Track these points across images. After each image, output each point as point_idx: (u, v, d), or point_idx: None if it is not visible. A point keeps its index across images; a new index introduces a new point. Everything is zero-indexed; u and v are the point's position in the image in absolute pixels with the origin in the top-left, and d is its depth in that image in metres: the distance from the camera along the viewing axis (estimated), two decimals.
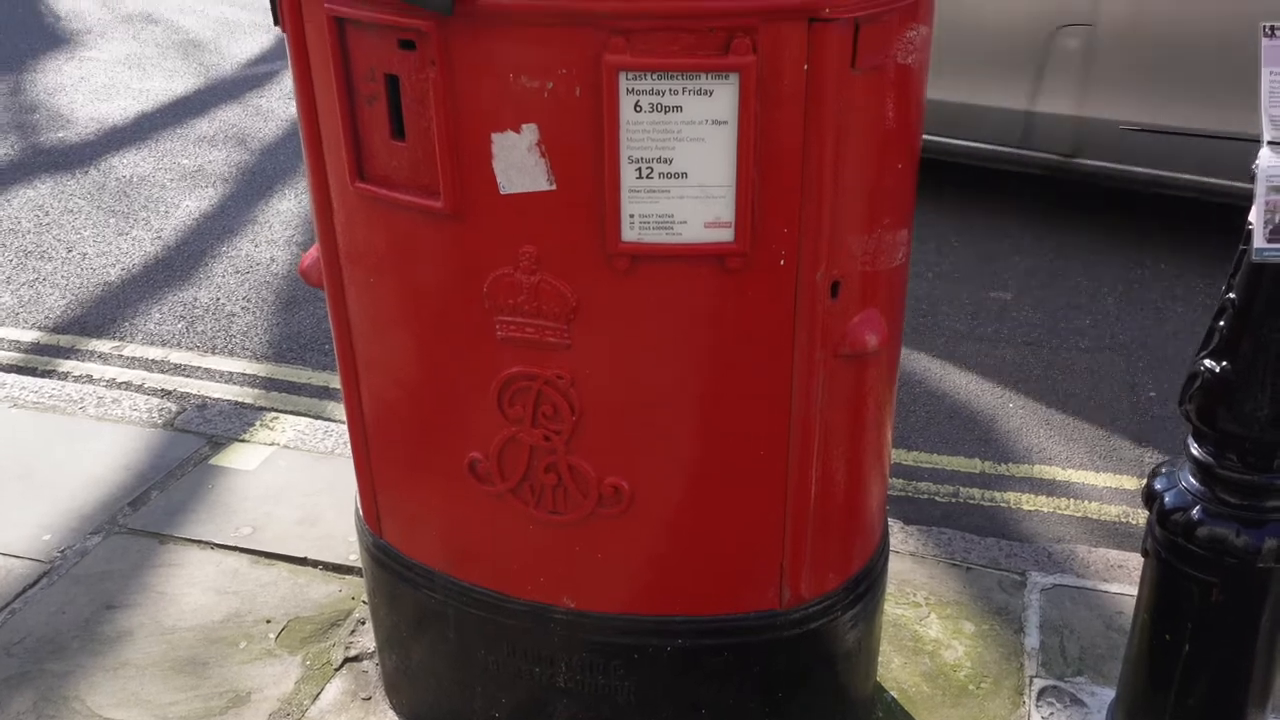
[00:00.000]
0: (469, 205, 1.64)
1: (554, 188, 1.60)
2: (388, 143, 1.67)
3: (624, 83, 1.50)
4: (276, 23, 1.77)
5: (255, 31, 7.44)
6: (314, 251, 1.97)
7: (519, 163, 1.59)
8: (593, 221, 1.60)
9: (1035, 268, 4.45)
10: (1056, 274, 4.41)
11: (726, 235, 1.60)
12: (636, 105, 1.52)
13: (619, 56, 1.48)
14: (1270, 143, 1.76)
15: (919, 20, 1.61)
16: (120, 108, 6.27)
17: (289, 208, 5.04)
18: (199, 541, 2.83)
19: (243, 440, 3.27)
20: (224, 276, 4.51)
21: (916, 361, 3.81)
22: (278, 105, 6.21)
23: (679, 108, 1.52)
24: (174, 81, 6.67)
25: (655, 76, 1.50)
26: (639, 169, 1.56)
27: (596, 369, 1.73)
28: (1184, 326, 4.02)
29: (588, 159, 1.56)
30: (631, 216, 1.59)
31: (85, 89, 6.58)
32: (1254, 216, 1.78)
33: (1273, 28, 1.74)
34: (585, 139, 1.55)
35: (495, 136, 1.58)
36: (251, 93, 6.43)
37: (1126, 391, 3.68)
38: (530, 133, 1.57)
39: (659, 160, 1.55)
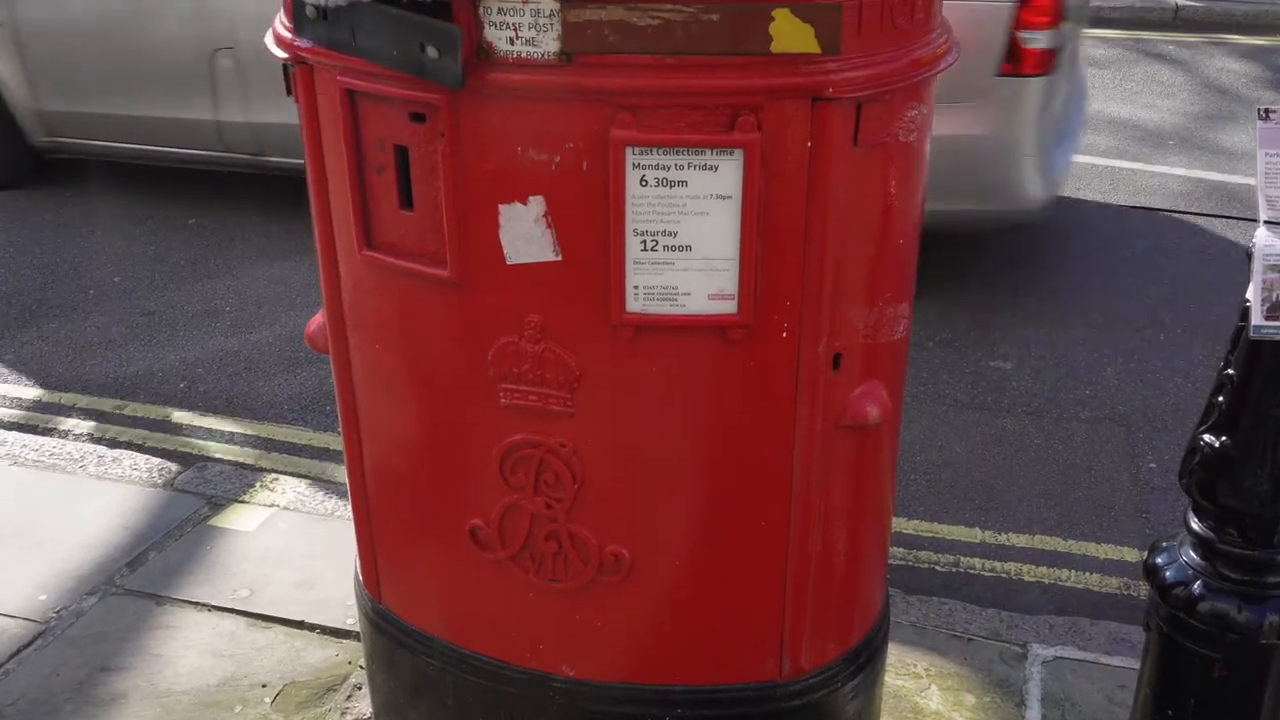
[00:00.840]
0: (475, 274, 1.66)
1: (560, 258, 1.62)
2: (396, 212, 1.70)
3: (630, 157, 1.52)
4: (289, 93, 1.80)
5: None
6: (319, 317, 1.99)
7: (526, 233, 1.61)
8: (598, 292, 1.62)
9: (1035, 337, 4.47)
10: (1056, 343, 4.43)
11: (730, 307, 1.62)
12: (642, 179, 1.54)
13: (626, 132, 1.50)
14: (1267, 222, 1.79)
15: (920, 99, 1.64)
16: (124, 169, 6.33)
17: (292, 269, 5.07)
18: (196, 603, 2.82)
19: (242, 501, 3.27)
20: (226, 338, 4.53)
21: (917, 429, 3.82)
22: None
23: (684, 182, 1.54)
24: None
25: (661, 152, 1.52)
26: (644, 241, 1.58)
27: (599, 437, 1.74)
28: (1184, 398, 4.03)
29: (594, 231, 1.58)
30: (636, 288, 1.61)
31: None
32: (1251, 294, 1.80)
33: (1268, 110, 1.77)
34: (591, 211, 1.57)
35: (503, 207, 1.60)
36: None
37: (1127, 462, 3.68)
38: (537, 204, 1.59)
39: (664, 233, 1.57)
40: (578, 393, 1.70)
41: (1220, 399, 1.90)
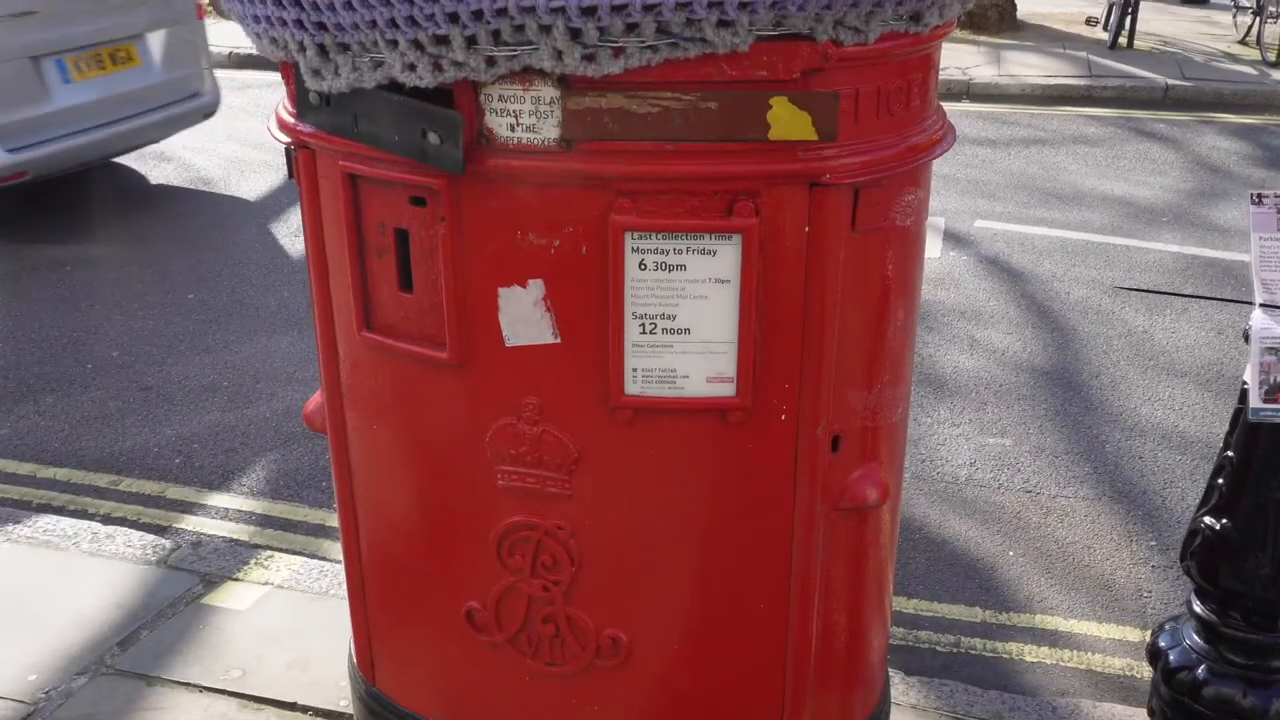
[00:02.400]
0: (474, 356, 1.67)
1: (559, 341, 1.62)
2: (396, 294, 1.70)
3: (629, 242, 1.53)
4: (291, 176, 1.82)
5: (265, 170, 7.60)
6: (318, 397, 1.99)
7: (525, 316, 1.62)
8: (596, 374, 1.63)
9: (1033, 414, 4.47)
10: (1054, 420, 4.43)
11: (728, 390, 1.62)
12: (641, 263, 1.55)
13: (625, 217, 1.52)
14: (1262, 305, 1.80)
15: (916, 184, 1.66)
16: (127, 243, 6.36)
17: (290, 343, 5.08)
18: (187, 684, 2.78)
19: (236, 579, 3.24)
20: (223, 412, 4.52)
21: (916, 507, 3.80)
22: (284, 241, 6.30)
23: (683, 266, 1.55)
24: (182, 218, 6.78)
25: (660, 236, 1.53)
26: (643, 324, 1.58)
27: (597, 519, 1.73)
28: (1182, 475, 4.03)
29: (593, 314, 1.59)
30: (635, 370, 1.61)
31: (95, 224, 6.69)
32: (1249, 376, 1.81)
33: (1260, 195, 1.79)
34: (591, 294, 1.58)
35: (502, 290, 1.61)
36: (257, 229, 6.53)
37: (1126, 541, 3.66)
38: (536, 287, 1.60)
39: (662, 316, 1.58)
40: (576, 475, 1.70)
41: (1220, 481, 1.90)
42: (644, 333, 1.59)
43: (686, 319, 1.58)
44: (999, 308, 5.43)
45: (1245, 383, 1.83)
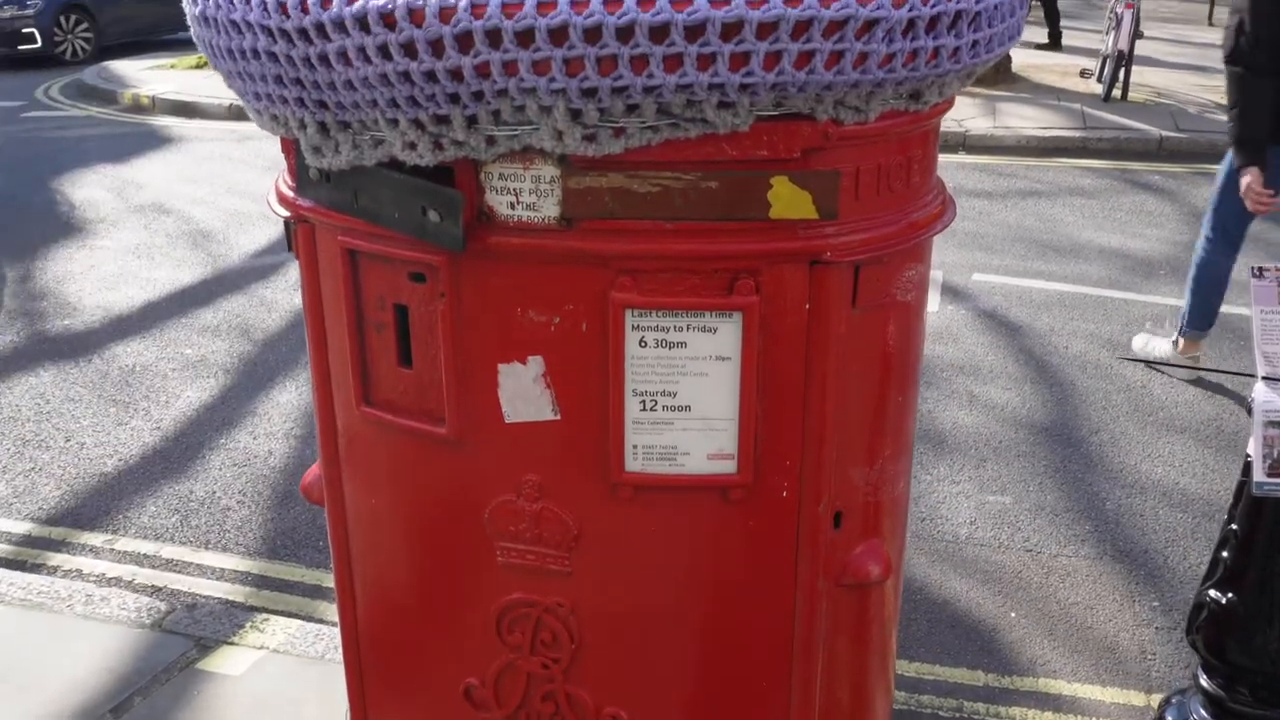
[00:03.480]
0: (473, 432, 1.65)
1: (558, 418, 1.61)
2: (394, 369, 1.70)
3: (630, 319, 1.53)
4: (290, 248, 1.82)
5: (263, 223, 7.61)
6: (315, 469, 1.98)
7: (525, 393, 1.61)
8: (596, 451, 1.61)
9: (1032, 471, 4.45)
10: (1054, 477, 4.41)
11: (729, 467, 1.61)
12: (642, 341, 1.54)
13: (626, 295, 1.51)
14: (1264, 378, 1.79)
15: (917, 260, 1.66)
16: (127, 296, 6.37)
17: (289, 400, 5.06)
18: None
19: (231, 643, 3.21)
20: (221, 469, 4.50)
21: (916, 568, 3.78)
22: (282, 296, 6.31)
23: (683, 343, 1.54)
24: (181, 271, 6.79)
25: (661, 314, 1.53)
26: (643, 401, 1.58)
27: (597, 597, 1.71)
28: (1184, 534, 4.00)
29: (593, 391, 1.58)
30: (635, 447, 1.60)
31: (94, 277, 6.70)
32: (1252, 449, 1.80)
33: (1261, 269, 1.79)
34: (591, 371, 1.57)
35: (502, 367, 1.60)
36: (257, 284, 6.54)
37: (1129, 602, 3.63)
38: (536, 364, 1.59)
39: (663, 393, 1.57)
40: (575, 552, 1.68)
41: (1225, 554, 1.89)
42: (644, 410, 1.58)
43: (687, 396, 1.57)
44: (998, 362, 5.43)
45: (1248, 455, 1.82)
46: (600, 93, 1.36)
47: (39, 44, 15.22)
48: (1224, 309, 6.05)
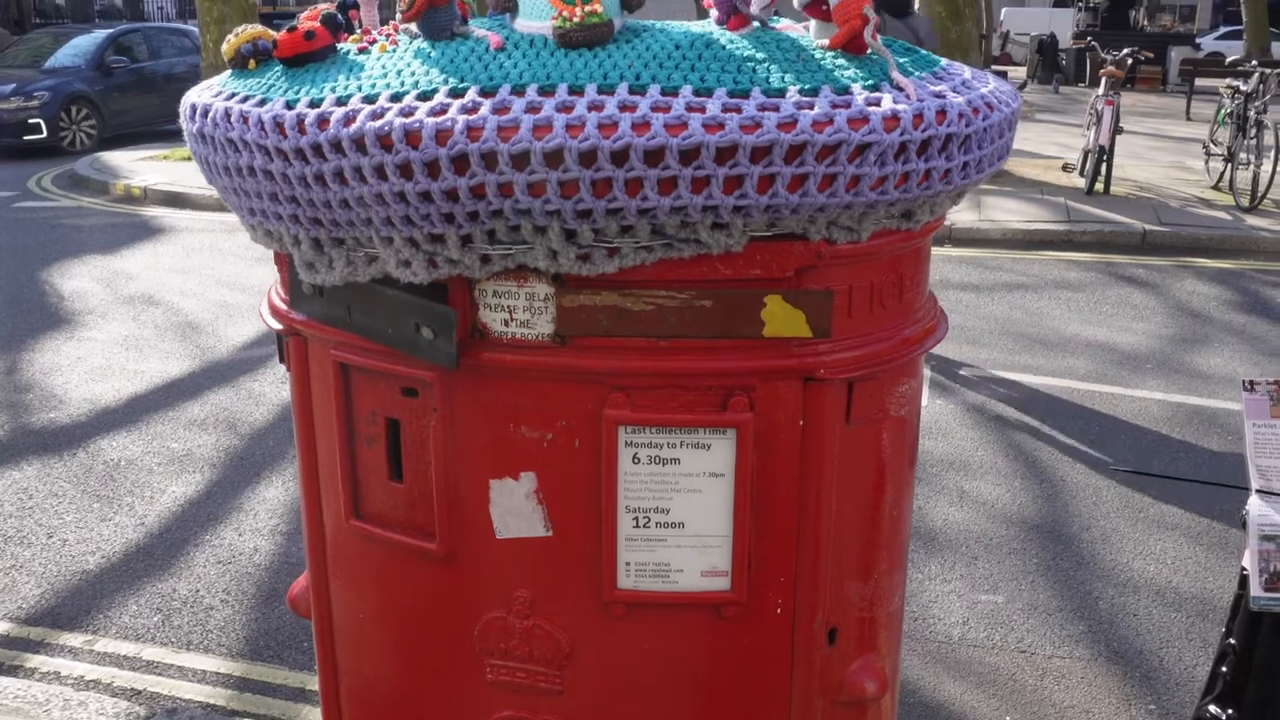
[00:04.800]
0: (464, 548, 1.64)
1: (550, 534, 1.60)
2: (385, 483, 1.68)
3: (623, 435, 1.52)
4: (281, 360, 1.81)
5: (252, 315, 7.62)
6: (303, 580, 1.95)
7: (516, 509, 1.60)
8: (589, 568, 1.60)
9: (1024, 569, 4.43)
10: (1046, 576, 4.38)
11: (723, 584, 1.59)
12: (635, 457, 1.53)
13: (619, 411, 1.51)
14: (1259, 491, 1.79)
15: (910, 375, 1.66)
16: (114, 389, 6.34)
17: (275, 495, 5.02)
18: None
19: None
20: (205, 566, 4.44)
21: (909, 670, 3.73)
22: (269, 390, 6.29)
23: (677, 460, 1.54)
24: (169, 363, 6.78)
25: (654, 431, 1.52)
26: (636, 518, 1.56)
27: (589, 715, 1.68)
28: (1178, 634, 3.97)
29: (585, 507, 1.57)
30: (628, 564, 1.59)
31: (81, 369, 6.67)
32: (1248, 563, 1.79)
33: (1252, 383, 1.79)
34: (583, 488, 1.56)
35: (494, 483, 1.59)
36: (244, 376, 6.53)
37: (1125, 704, 3.59)
38: (529, 480, 1.58)
39: (656, 510, 1.56)
40: (567, 669, 1.65)
41: (1224, 669, 1.86)
42: (637, 526, 1.57)
43: (680, 513, 1.56)
44: (987, 457, 5.43)
45: (1244, 569, 1.81)
46: (595, 214, 1.37)
47: (44, 134, 15.44)
48: (1211, 403, 6.09)
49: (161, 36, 18.52)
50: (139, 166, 13.81)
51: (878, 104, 1.38)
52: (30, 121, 15.37)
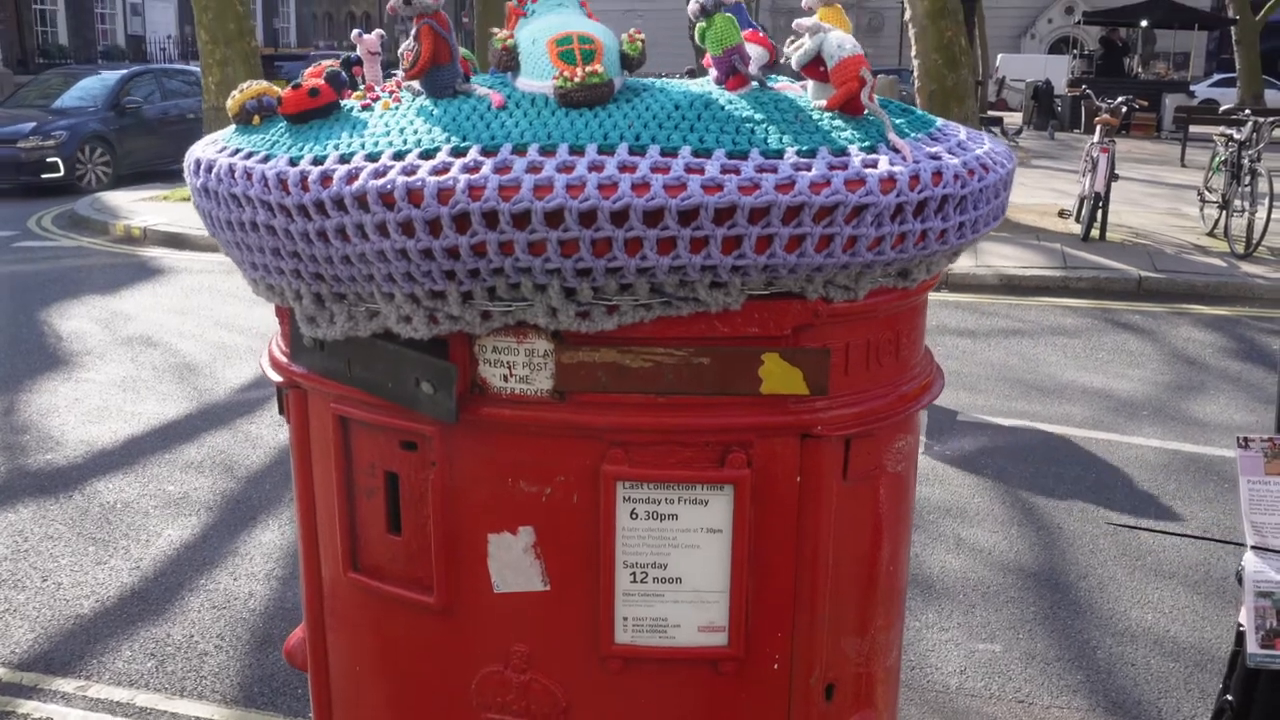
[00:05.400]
0: (461, 602, 1.64)
1: (548, 588, 1.60)
2: (383, 536, 1.69)
3: (621, 491, 1.53)
4: (281, 412, 1.82)
5: (250, 357, 7.64)
6: (299, 632, 1.95)
7: (514, 563, 1.60)
8: (586, 623, 1.60)
9: (1021, 618, 4.42)
10: (1044, 624, 4.37)
11: (720, 640, 1.59)
12: (633, 513, 1.54)
13: (617, 467, 1.52)
14: (1254, 548, 1.80)
15: (906, 431, 1.67)
16: (111, 430, 6.34)
17: (271, 539, 5.01)
18: None
19: None
20: (200, 611, 4.42)
21: (908, 719, 3.71)
22: (267, 432, 6.29)
23: (675, 515, 1.54)
24: (166, 405, 6.78)
25: (652, 486, 1.53)
26: (634, 573, 1.57)
27: None
28: (1176, 684, 3.95)
29: (583, 562, 1.57)
30: (625, 619, 1.59)
31: (78, 411, 6.67)
32: (1244, 619, 1.79)
33: (1246, 439, 1.81)
34: (581, 542, 1.57)
35: (492, 537, 1.60)
36: (242, 419, 6.53)
37: None
38: (527, 534, 1.58)
39: (654, 565, 1.56)
40: None
41: None
42: (635, 581, 1.57)
43: (678, 568, 1.57)
44: (984, 505, 5.43)
45: (1240, 625, 1.81)
46: (594, 273, 1.38)
47: (61, 173, 15.82)
48: (1207, 450, 6.10)
49: (171, 78, 18.87)
50: (139, 207, 13.88)
51: (874, 166, 1.40)
52: (49, 160, 15.68)
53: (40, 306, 9.19)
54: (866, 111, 1.51)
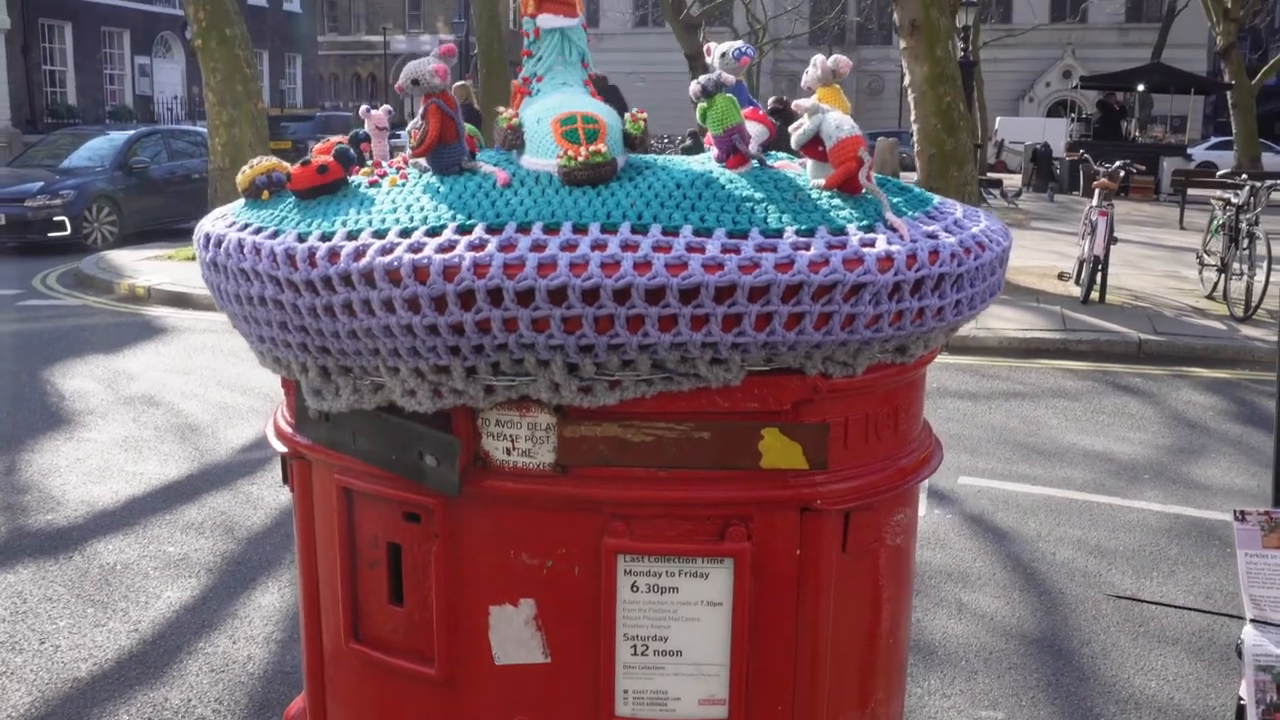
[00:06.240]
0: (463, 673, 1.65)
1: (549, 660, 1.61)
2: (385, 607, 1.70)
3: (622, 564, 1.54)
4: (285, 482, 1.84)
5: (252, 417, 7.66)
6: (300, 701, 1.95)
7: (515, 635, 1.61)
8: (586, 695, 1.60)
9: (1024, 685, 4.39)
10: (1047, 692, 4.34)
11: (721, 713, 1.60)
12: (634, 585, 1.55)
13: (618, 540, 1.53)
14: (1253, 621, 1.80)
15: (905, 504, 1.69)
16: (112, 491, 6.34)
17: (270, 602, 4.99)
18: None
19: None
20: (198, 675, 4.40)
21: None
22: (268, 493, 6.29)
23: (675, 589, 1.55)
24: (168, 465, 6.79)
25: (653, 559, 1.54)
26: (634, 646, 1.57)
27: None
28: None
29: (584, 634, 1.58)
30: (625, 692, 1.59)
31: (79, 470, 6.68)
32: (1245, 693, 1.79)
33: (1243, 513, 1.82)
34: (582, 615, 1.58)
35: (493, 609, 1.61)
36: (243, 479, 6.53)
37: None
38: (528, 607, 1.59)
39: (654, 638, 1.57)
40: None
41: None
42: (635, 654, 1.58)
43: (678, 641, 1.57)
44: (985, 569, 5.41)
45: (1241, 699, 1.81)
46: (597, 349, 1.41)
47: (68, 231, 16.00)
48: (1208, 514, 6.09)
49: (177, 138, 19.13)
50: (144, 266, 13.96)
51: (872, 244, 1.42)
52: (55, 219, 15.87)
53: (44, 365, 9.22)
54: (864, 190, 1.54)
